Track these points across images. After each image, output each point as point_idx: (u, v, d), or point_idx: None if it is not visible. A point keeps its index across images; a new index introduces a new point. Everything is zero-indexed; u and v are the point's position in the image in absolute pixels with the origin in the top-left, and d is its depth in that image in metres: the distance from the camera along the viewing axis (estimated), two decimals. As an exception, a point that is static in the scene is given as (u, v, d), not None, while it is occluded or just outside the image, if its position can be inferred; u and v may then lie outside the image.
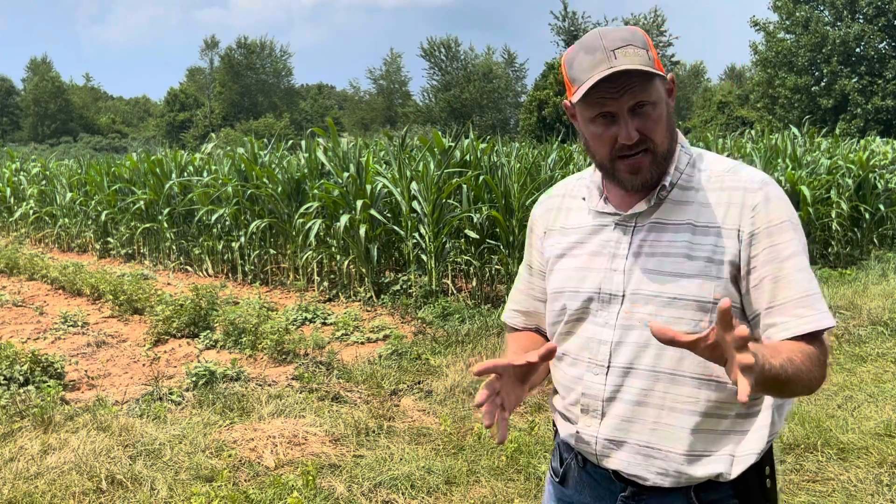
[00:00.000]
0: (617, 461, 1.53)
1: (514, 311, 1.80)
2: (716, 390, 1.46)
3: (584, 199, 1.63)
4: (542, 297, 1.72)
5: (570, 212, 1.65)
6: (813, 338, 1.41)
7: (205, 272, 11.09)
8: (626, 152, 1.46)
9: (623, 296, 1.51)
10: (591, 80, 1.41)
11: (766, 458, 1.53)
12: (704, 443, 1.47)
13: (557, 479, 1.71)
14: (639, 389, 1.49)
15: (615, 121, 1.44)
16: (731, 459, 1.47)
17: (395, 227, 8.60)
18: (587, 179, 1.64)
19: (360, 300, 8.50)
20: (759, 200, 1.46)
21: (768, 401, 1.50)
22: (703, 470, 1.47)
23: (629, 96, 1.42)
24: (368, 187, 8.74)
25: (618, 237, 1.54)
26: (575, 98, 1.46)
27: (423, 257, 8.36)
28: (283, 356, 6.25)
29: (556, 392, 1.68)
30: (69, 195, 14.47)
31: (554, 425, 1.73)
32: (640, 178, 1.48)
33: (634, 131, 1.43)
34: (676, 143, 1.54)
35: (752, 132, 18.30)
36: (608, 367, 1.52)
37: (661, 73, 1.45)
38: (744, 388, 1.14)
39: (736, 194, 1.48)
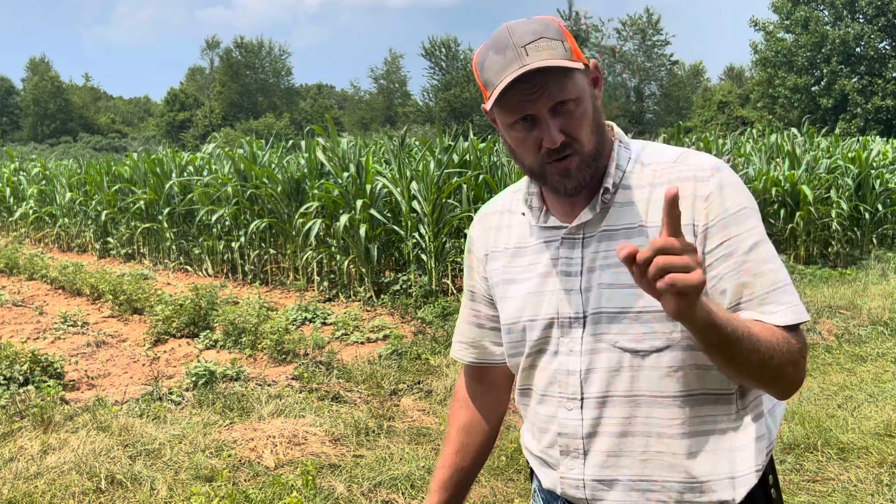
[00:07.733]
0: (611, 502, 1.38)
1: (461, 343, 1.63)
2: (701, 404, 1.33)
3: (523, 214, 1.47)
4: (490, 324, 1.57)
5: (512, 229, 1.49)
6: (787, 329, 1.28)
7: (205, 272, 11.08)
8: (554, 156, 1.32)
9: (584, 317, 1.36)
10: (502, 83, 1.27)
11: (768, 466, 1.43)
12: (701, 466, 1.34)
13: None
14: (620, 419, 1.35)
15: (536, 123, 1.31)
16: (732, 482, 1.35)
17: (395, 227, 8.60)
18: (524, 192, 1.48)
19: (359, 300, 8.50)
20: (711, 189, 1.30)
21: (760, 408, 1.39)
22: (705, 497, 1.35)
23: (547, 97, 1.28)
24: (368, 187, 8.75)
25: (567, 253, 1.39)
26: (489, 104, 1.33)
27: (423, 257, 8.36)
28: (283, 356, 6.24)
29: (528, 430, 1.52)
30: (69, 195, 14.48)
31: (529, 467, 1.55)
32: (572, 181, 1.33)
33: (558, 133, 1.29)
34: (609, 138, 1.39)
35: (753, 130, 18.26)
36: (581, 399, 1.37)
37: (581, 66, 1.31)
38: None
39: (686, 185, 1.31)
